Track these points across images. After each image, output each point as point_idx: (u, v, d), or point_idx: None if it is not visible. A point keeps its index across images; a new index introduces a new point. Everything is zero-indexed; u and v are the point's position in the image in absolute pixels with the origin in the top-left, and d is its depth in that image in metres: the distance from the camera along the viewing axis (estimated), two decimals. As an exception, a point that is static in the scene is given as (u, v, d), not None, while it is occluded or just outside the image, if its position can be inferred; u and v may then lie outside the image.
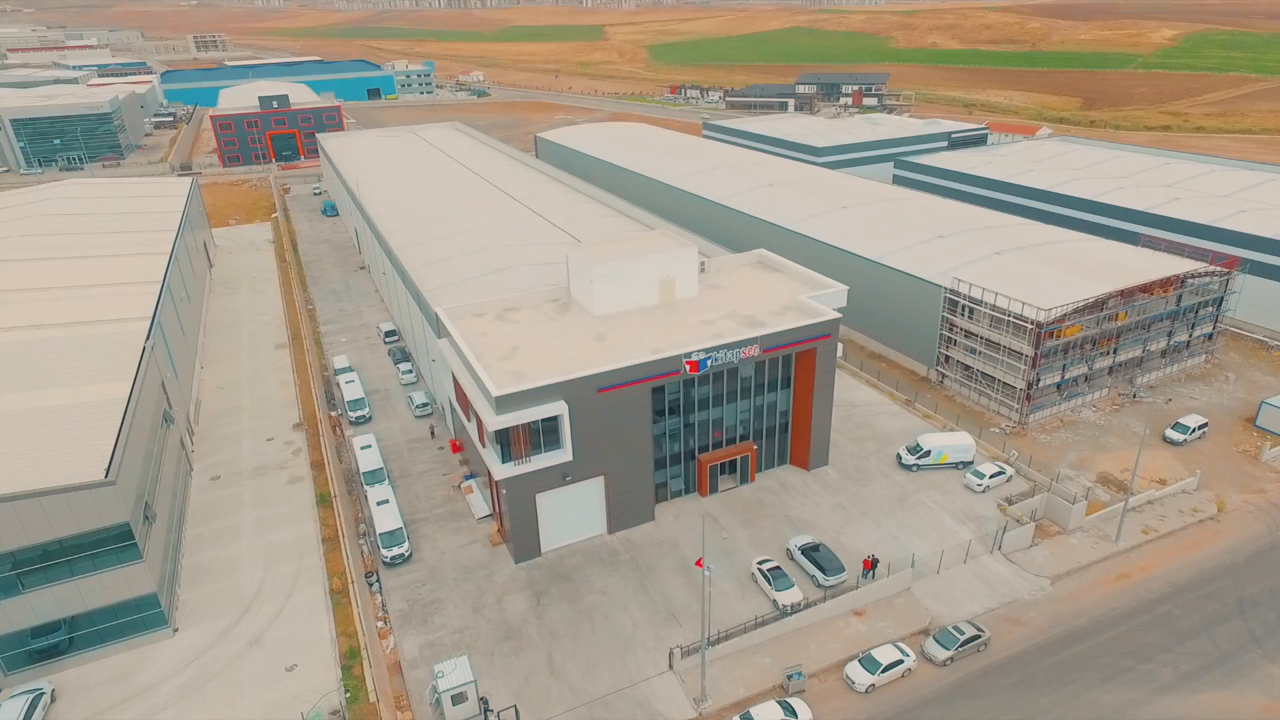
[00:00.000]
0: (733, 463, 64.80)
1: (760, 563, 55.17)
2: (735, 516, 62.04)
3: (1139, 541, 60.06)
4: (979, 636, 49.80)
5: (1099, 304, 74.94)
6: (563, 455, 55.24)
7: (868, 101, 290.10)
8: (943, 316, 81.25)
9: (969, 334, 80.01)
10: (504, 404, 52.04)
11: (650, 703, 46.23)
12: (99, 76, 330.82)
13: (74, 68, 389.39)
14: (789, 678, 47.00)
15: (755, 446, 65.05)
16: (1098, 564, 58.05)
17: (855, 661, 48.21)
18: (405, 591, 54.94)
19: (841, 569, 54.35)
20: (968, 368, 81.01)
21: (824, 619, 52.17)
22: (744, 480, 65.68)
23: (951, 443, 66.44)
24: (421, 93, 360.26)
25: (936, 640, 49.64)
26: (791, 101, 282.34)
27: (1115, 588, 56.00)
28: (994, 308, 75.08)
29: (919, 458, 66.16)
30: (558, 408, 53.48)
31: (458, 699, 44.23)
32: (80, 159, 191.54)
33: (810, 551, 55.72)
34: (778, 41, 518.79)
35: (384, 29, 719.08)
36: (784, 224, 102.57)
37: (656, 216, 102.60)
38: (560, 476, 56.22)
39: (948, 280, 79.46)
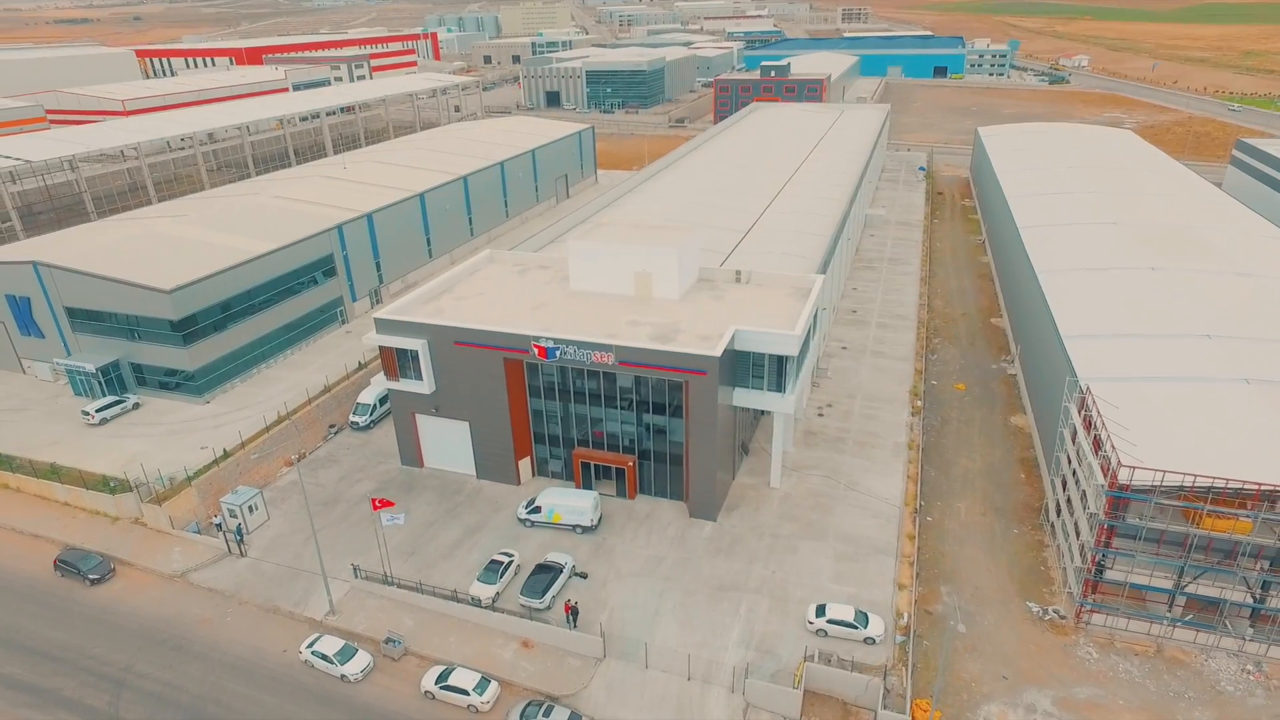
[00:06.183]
0: (610, 470, 61.95)
1: (500, 553, 55.03)
2: (572, 517, 60.45)
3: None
4: (561, 731, 43.00)
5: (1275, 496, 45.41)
6: (423, 387, 62.78)
7: None
8: (1064, 431, 57.90)
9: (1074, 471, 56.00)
10: (381, 326, 62.31)
11: (310, 593, 53.93)
12: (719, 41, 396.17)
13: (728, 34, 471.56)
14: (386, 640, 49.15)
15: (631, 462, 60.76)
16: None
17: (439, 669, 47.18)
18: (334, 448, 70.96)
19: (538, 596, 50.96)
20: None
21: (493, 627, 50.66)
22: (621, 493, 62.22)
23: (568, 503, 58.55)
24: (991, 74, 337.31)
25: (523, 710, 44.63)
26: None
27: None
28: (1094, 437, 51.81)
29: (530, 512, 58.58)
30: (418, 344, 61.16)
31: (232, 512, 59.28)
32: (613, 105, 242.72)
33: (539, 568, 53.03)
34: None
35: (1035, 4, 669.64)
36: (1036, 259, 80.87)
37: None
38: (431, 406, 63.97)
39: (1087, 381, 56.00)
